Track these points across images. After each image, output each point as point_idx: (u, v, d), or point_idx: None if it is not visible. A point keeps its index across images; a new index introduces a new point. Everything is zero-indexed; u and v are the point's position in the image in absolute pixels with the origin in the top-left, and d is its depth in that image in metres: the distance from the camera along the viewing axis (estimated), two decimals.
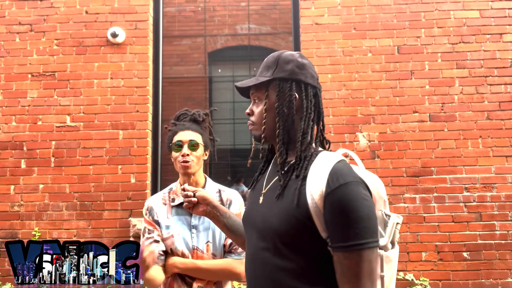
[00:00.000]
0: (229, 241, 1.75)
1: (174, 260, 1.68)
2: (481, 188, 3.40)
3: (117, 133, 3.59)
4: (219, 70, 4.40)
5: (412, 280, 3.22)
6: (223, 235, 1.76)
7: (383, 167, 3.45)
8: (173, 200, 1.80)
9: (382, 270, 1.02)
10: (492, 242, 3.32)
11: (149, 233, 1.74)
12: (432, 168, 3.44)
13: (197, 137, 1.81)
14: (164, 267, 1.67)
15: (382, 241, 1.03)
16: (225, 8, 4.18)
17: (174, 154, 1.80)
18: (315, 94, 1.16)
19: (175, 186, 1.85)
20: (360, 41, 3.64)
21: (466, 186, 3.41)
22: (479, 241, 3.32)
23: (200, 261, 1.70)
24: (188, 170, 1.76)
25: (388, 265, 1.03)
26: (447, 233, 3.35)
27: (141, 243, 1.70)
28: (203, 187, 1.83)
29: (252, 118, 1.19)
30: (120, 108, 3.62)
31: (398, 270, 3.27)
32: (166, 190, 1.87)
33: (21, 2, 3.78)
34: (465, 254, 3.31)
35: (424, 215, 3.38)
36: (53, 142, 3.58)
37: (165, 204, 1.80)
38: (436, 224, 3.36)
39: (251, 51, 4.15)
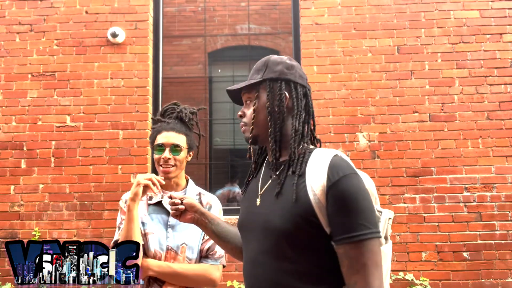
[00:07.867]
0: (206, 245, 1.69)
1: (149, 262, 1.59)
2: (481, 188, 3.40)
3: (117, 133, 3.59)
4: (219, 70, 4.40)
5: (412, 280, 3.22)
6: (201, 239, 1.70)
7: (383, 167, 3.45)
8: (151, 198, 1.75)
9: None
10: (492, 242, 3.32)
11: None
12: (432, 168, 3.43)
13: (181, 140, 1.74)
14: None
15: None
16: (225, 8, 4.18)
17: (155, 155, 1.75)
18: (305, 93, 1.18)
19: None
20: (360, 41, 3.64)
21: (466, 186, 3.41)
22: (479, 241, 3.32)
23: (176, 265, 1.62)
24: (168, 175, 1.72)
25: (383, 259, 1.04)
26: (447, 233, 3.35)
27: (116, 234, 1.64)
28: (184, 188, 1.80)
29: (244, 119, 1.20)
30: (120, 108, 3.62)
31: (398, 270, 3.27)
32: None
33: (21, 2, 3.78)
34: (465, 254, 3.31)
35: (424, 215, 3.38)
36: (53, 142, 3.58)
37: (142, 201, 1.75)
38: (436, 224, 3.36)
39: (251, 51, 4.15)
